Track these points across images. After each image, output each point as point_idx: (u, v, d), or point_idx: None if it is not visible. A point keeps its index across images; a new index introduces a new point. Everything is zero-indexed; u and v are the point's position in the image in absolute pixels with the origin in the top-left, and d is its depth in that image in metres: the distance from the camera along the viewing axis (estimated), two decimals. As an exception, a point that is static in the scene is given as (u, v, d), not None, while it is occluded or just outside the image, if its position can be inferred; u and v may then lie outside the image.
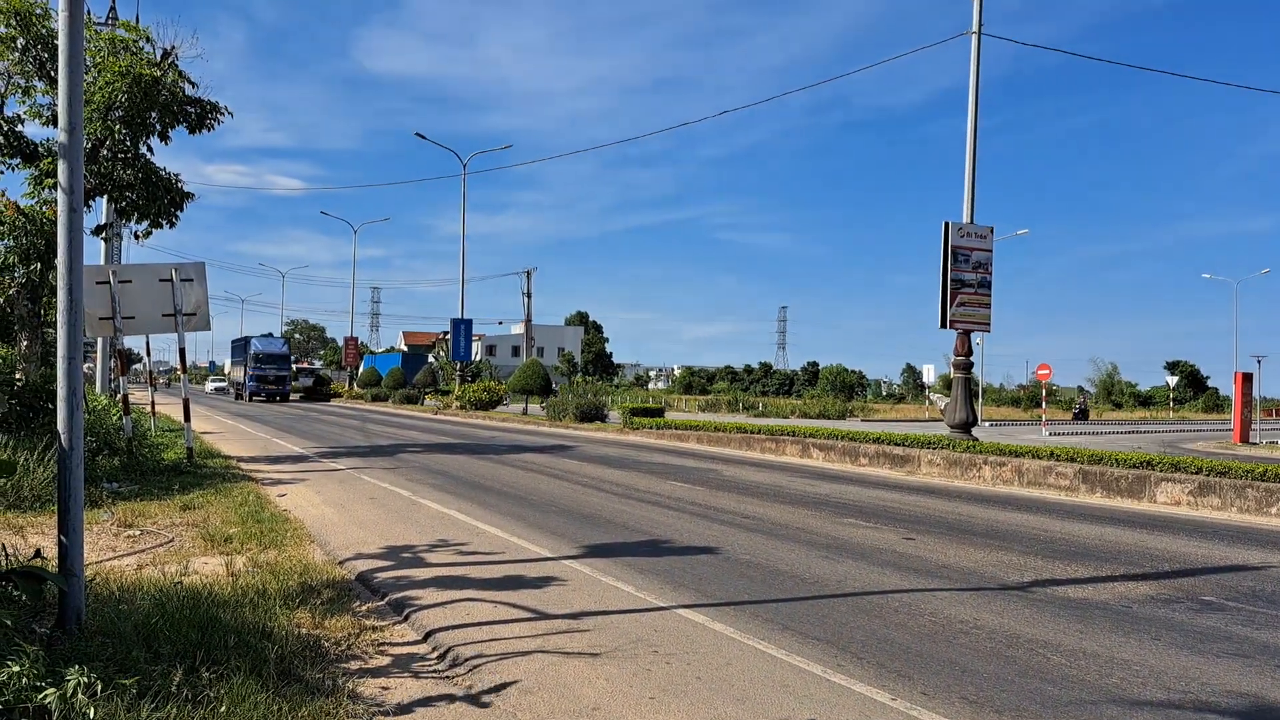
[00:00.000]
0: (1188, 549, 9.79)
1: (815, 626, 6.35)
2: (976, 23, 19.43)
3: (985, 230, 19.75)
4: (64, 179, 5.33)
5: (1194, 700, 5.02)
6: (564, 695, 4.93)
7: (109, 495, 11.42)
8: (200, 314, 14.59)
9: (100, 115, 14.56)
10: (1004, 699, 4.96)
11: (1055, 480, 15.06)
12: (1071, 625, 6.51)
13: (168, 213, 15.63)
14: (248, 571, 7.43)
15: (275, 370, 58.65)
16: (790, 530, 10.39)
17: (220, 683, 4.46)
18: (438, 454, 19.66)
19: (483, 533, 9.85)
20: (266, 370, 58.06)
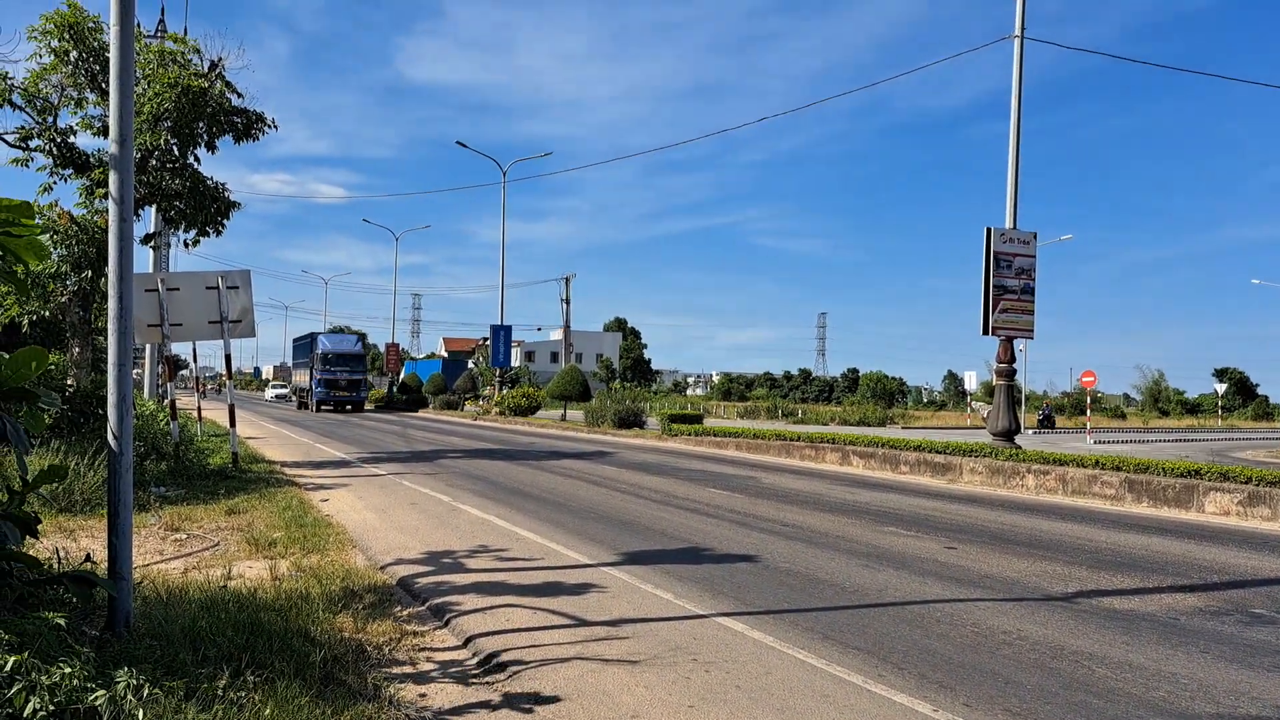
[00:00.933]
0: (1237, 560, 9.59)
1: (856, 636, 6.30)
2: (1019, 26, 19.23)
3: (1028, 236, 19.52)
4: (115, 189, 5.44)
5: (1244, 715, 4.92)
6: (603, 702, 4.94)
7: (157, 499, 11.62)
8: (245, 321, 14.82)
9: (149, 126, 14.85)
10: (1048, 711, 4.90)
11: (1100, 489, 14.82)
12: (1117, 637, 6.41)
13: (214, 221, 15.90)
14: (291, 575, 7.53)
15: (347, 373, 48.86)
16: (830, 538, 10.33)
17: (265, 685, 4.52)
18: (477, 459, 19.77)
19: (522, 538, 9.89)
20: (337, 374, 48.45)
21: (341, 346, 50.36)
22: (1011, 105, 19.41)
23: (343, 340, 52.06)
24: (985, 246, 19.02)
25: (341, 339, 52.65)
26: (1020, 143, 19.44)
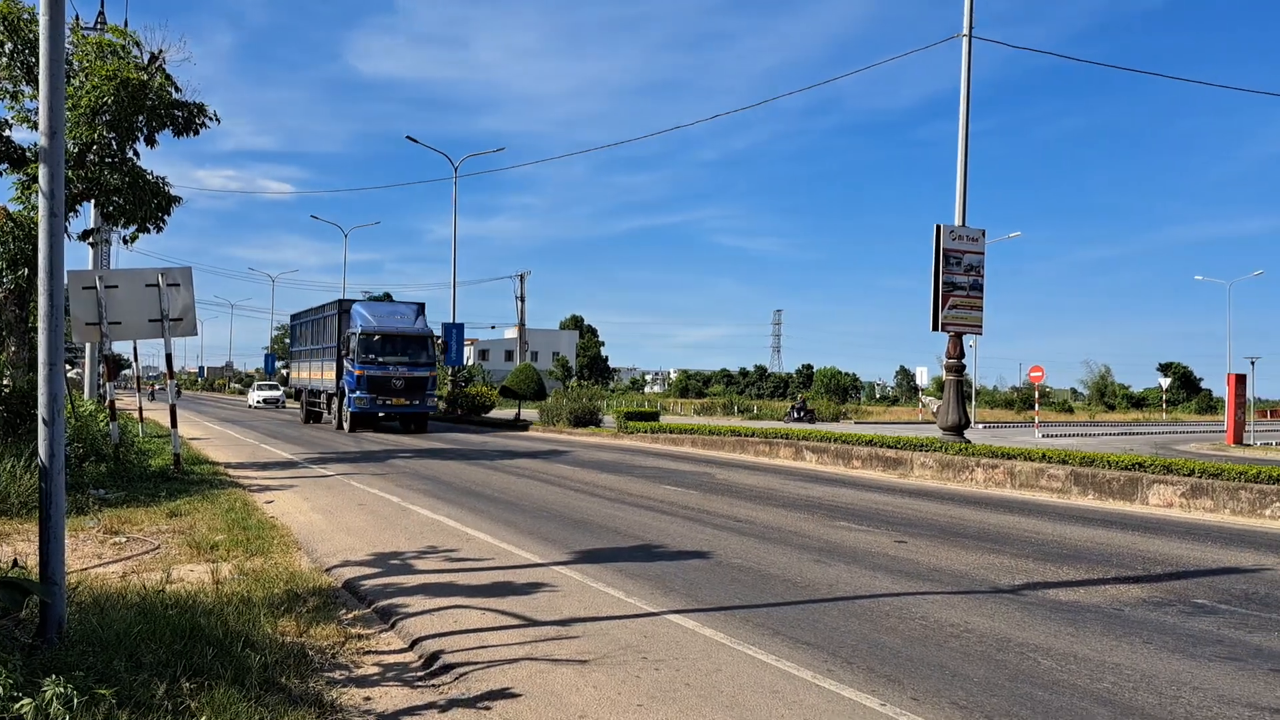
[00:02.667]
0: (1180, 551, 9.77)
1: (806, 631, 6.30)
2: (967, 25, 19.44)
3: (977, 233, 19.75)
4: (45, 184, 5.27)
5: (1185, 704, 4.98)
6: (551, 703, 4.88)
7: (95, 502, 11.33)
8: (187, 319, 14.51)
9: (87, 119, 14.48)
10: (994, 704, 4.92)
11: (1047, 482, 15.04)
12: (1063, 629, 6.48)
13: (155, 217, 15.55)
14: (233, 579, 7.36)
15: (406, 367, 28.96)
16: (783, 534, 10.35)
17: (202, 692, 4.40)
18: (428, 459, 19.58)
19: (473, 539, 9.79)
20: (390, 368, 28.60)
21: (394, 323, 29.49)
22: (960, 104, 19.63)
23: (394, 313, 30.44)
24: (935, 244, 19.21)
25: (393, 310, 30.84)
26: (969, 141, 19.67)
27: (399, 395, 28.63)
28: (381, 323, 29.21)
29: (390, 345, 28.88)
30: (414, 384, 29.02)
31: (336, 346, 30.35)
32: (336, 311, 31.19)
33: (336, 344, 30.36)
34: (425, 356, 29.63)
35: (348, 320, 29.78)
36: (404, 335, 29.31)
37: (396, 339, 29.11)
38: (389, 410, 28.92)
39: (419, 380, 29.15)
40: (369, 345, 28.44)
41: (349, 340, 28.75)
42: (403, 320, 29.89)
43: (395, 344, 28.99)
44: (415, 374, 28.99)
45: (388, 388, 28.41)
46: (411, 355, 29.18)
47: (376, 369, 28.27)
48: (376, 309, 30.64)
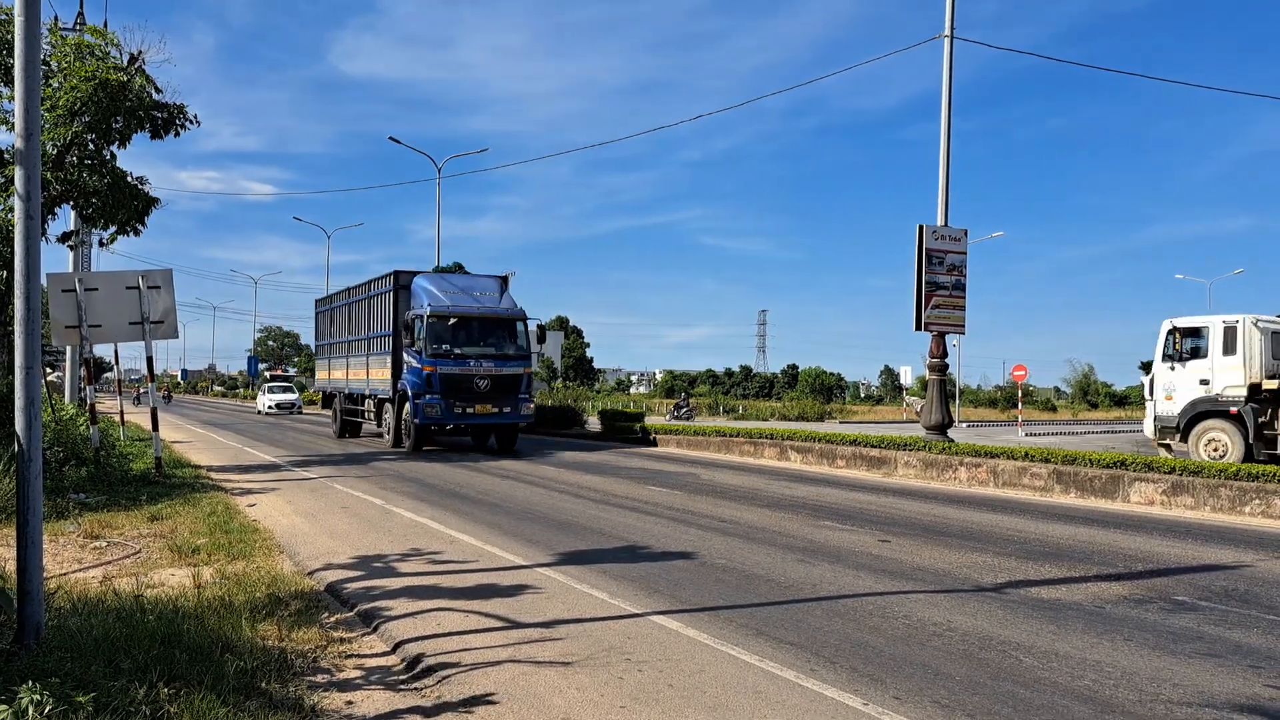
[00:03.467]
0: (1161, 549, 9.83)
1: (789, 631, 6.31)
2: (949, 26, 19.51)
3: (959, 233, 19.82)
4: (21, 186, 5.24)
5: (1165, 701, 5.01)
6: (534, 705, 4.86)
7: (76, 506, 11.24)
8: (168, 322, 14.41)
9: (66, 121, 14.37)
10: (975, 702, 4.94)
11: (1030, 481, 15.11)
12: (1044, 627, 6.51)
13: (134, 219, 15.44)
14: (214, 583, 7.31)
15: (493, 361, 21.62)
16: (767, 534, 10.36)
17: (180, 698, 4.37)
18: (412, 461, 19.50)
19: (456, 541, 9.76)
20: (473, 361, 21.34)
21: (473, 301, 22.00)
22: (942, 104, 19.70)
23: (472, 288, 22.55)
24: (918, 244, 19.27)
25: (470, 285, 22.70)
26: (951, 141, 19.74)
27: (483, 400, 21.10)
28: (456, 301, 21.36)
29: (469, 332, 21.40)
30: (503, 384, 21.31)
31: (391, 335, 22.62)
32: (391, 288, 22.96)
33: (392, 331, 22.59)
34: (516, 347, 21.78)
35: (407, 299, 22.28)
36: (488, 318, 21.65)
37: (478, 323, 21.54)
38: (470, 421, 21.38)
39: (509, 380, 21.41)
40: (440, 332, 20.81)
41: (411, 326, 21.19)
42: (485, 297, 22.06)
43: (476, 330, 21.53)
44: (505, 371, 21.33)
45: (468, 390, 20.93)
46: (498, 345, 21.60)
47: (453, 364, 20.74)
48: (447, 283, 22.32)
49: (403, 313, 22.17)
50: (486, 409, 21.33)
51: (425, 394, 20.76)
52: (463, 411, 21.02)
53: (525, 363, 21.93)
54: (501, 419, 21.70)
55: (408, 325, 21.45)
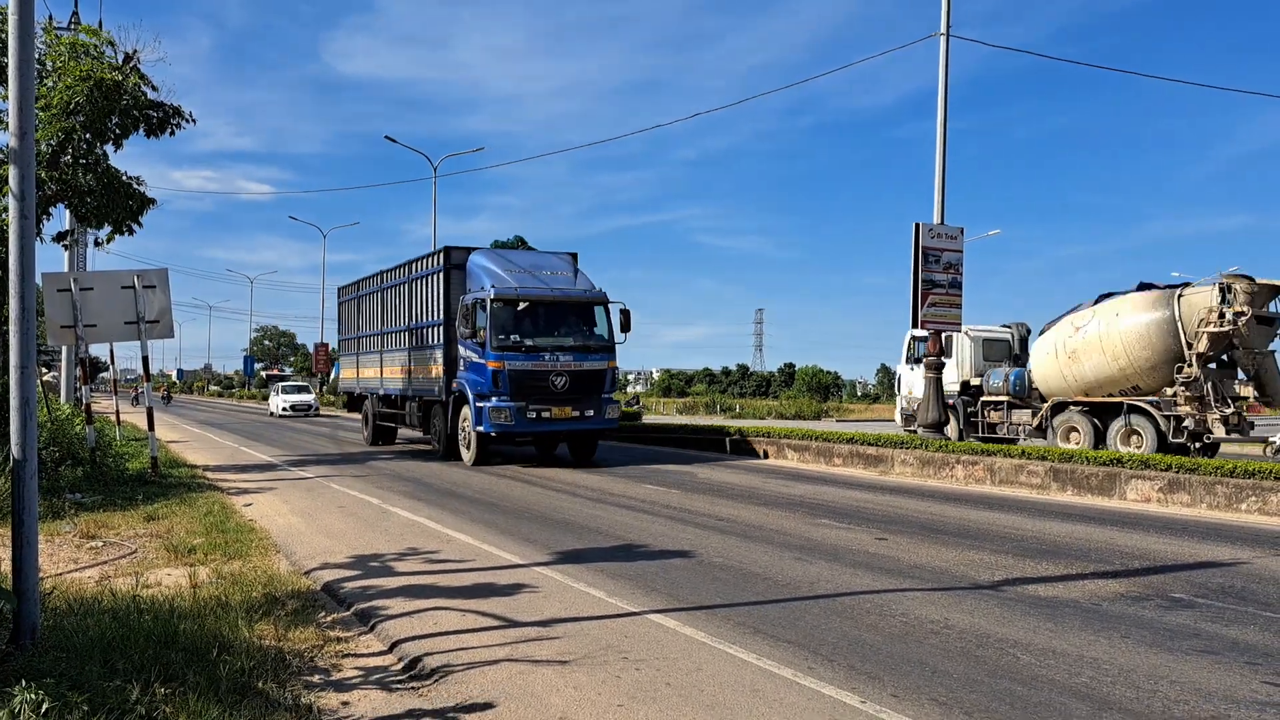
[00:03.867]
0: (1157, 546, 9.83)
1: (787, 629, 6.31)
2: (945, 24, 19.51)
3: (955, 231, 19.83)
4: (15, 185, 5.23)
5: (1163, 698, 5.01)
6: (531, 704, 4.86)
7: (72, 506, 11.22)
8: (164, 321, 14.38)
9: (61, 120, 14.33)
10: (973, 700, 4.94)
11: (1027, 479, 15.12)
12: (1041, 624, 6.51)
13: (129, 219, 15.40)
14: (211, 583, 7.30)
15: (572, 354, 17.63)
16: (764, 532, 10.36)
17: (177, 698, 4.35)
18: (409, 460, 19.49)
19: (453, 540, 9.75)
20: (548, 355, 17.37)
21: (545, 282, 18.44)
22: (938, 102, 19.70)
23: (541, 265, 19.32)
24: (914, 242, 19.26)
25: (538, 262, 19.62)
26: (947, 139, 19.73)
27: (561, 401, 17.29)
28: (524, 281, 17.76)
29: (541, 318, 17.74)
30: (584, 382, 17.54)
31: (441, 324, 18.95)
32: (440, 268, 19.25)
33: (442, 320, 18.94)
34: (596, 338, 18.07)
35: (460, 281, 18.78)
36: (564, 302, 18.08)
37: (551, 308, 17.91)
38: (547, 429, 17.60)
39: (592, 376, 17.67)
40: (508, 319, 17.22)
41: (471, 313, 17.33)
42: (556, 277, 18.51)
43: (549, 316, 17.87)
44: (586, 365, 17.59)
45: (543, 390, 17.14)
46: (576, 335, 17.91)
47: (524, 358, 17.07)
48: (511, 261, 19.02)
49: (456, 298, 18.55)
50: (565, 413, 17.35)
51: (491, 395, 17.03)
52: (537, 416, 17.08)
53: (608, 355, 18.15)
54: (584, 424, 17.78)
55: (466, 312, 17.38)
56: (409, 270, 21.37)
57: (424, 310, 20.32)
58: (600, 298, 18.33)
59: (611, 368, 18.13)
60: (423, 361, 20.24)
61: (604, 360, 17.97)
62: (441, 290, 19.13)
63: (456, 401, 18.57)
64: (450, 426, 18.81)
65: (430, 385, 19.78)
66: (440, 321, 19.10)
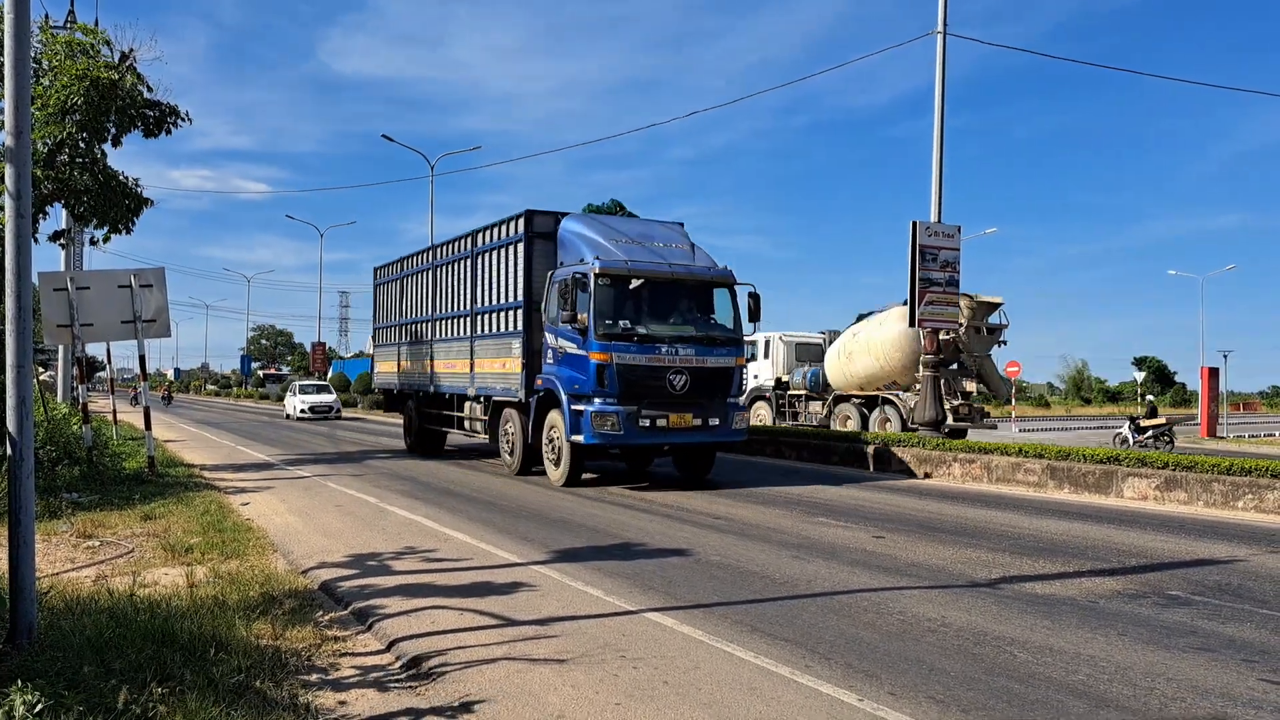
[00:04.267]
0: (1154, 544, 9.85)
1: (784, 627, 6.31)
2: (941, 23, 19.52)
3: (953, 229, 19.84)
4: (11, 184, 5.22)
5: (1159, 695, 5.02)
6: (529, 703, 4.86)
7: (69, 505, 11.21)
8: (161, 320, 14.37)
9: (57, 119, 14.31)
10: (970, 697, 4.95)
11: (1024, 476, 15.14)
12: (1038, 622, 6.52)
13: (125, 218, 15.39)
14: (208, 582, 7.30)
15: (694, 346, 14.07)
16: (762, 530, 10.36)
17: (173, 697, 4.35)
18: (406, 459, 19.49)
19: (451, 539, 9.75)
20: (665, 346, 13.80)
21: (659, 256, 14.62)
22: (935, 100, 19.71)
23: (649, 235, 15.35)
24: (911, 240, 19.27)
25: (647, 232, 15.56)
26: (944, 137, 19.75)
27: (680, 405, 13.96)
28: (636, 254, 14.38)
29: (656, 301, 14.34)
30: (708, 382, 14.15)
31: (521, 307, 15.49)
32: (520, 237, 15.69)
33: (522, 301, 15.45)
34: (721, 327, 14.73)
35: (548, 254, 15.40)
36: (685, 281, 14.56)
37: (669, 289, 14.50)
38: (662, 440, 14.07)
39: (717, 376, 14.25)
40: (616, 301, 13.92)
41: (568, 291, 13.67)
42: (672, 251, 14.93)
43: (664, 298, 14.46)
44: (711, 361, 14.14)
45: (660, 390, 13.78)
46: (697, 323, 14.53)
47: (636, 350, 13.70)
48: (616, 227, 15.51)
49: (541, 274, 15.22)
50: (685, 420, 13.92)
51: (594, 396, 13.53)
52: (651, 424, 13.64)
53: (736, 349, 14.67)
54: (707, 436, 14.25)
55: (563, 291, 13.68)
56: (472, 242, 17.65)
57: (494, 290, 16.70)
58: (728, 278, 14.84)
59: (740, 365, 14.67)
60: (492, 353, 16.66)
61: (731, 355, 14.50)
62: (521, 265, 15.54)
63: (542, 403, 14.87)
64: (531, 435, 15.15)
65: (502, 382, 16.17)
66: (519, 304, 15.51)
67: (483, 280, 17.22)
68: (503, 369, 16.18)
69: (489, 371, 16.79)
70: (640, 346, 13.75)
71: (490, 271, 16.88)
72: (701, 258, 15.04)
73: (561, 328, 14.12)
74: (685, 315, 14.61)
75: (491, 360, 16.71)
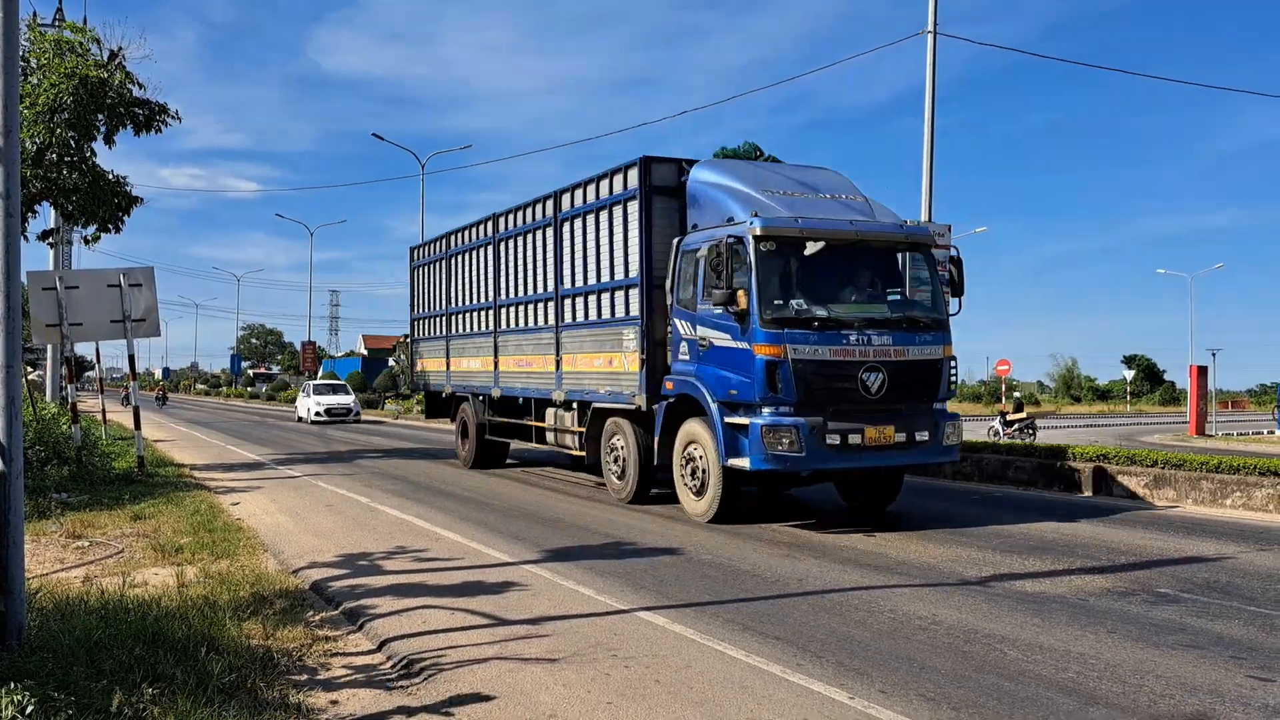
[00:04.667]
0: (1143, 542, 9.89)
1: (776, 626, 6.32)
2: (932, 22, 19.56)
3: (943, 228, 19.81)
4: (0, 183, 5.20)
5: (1149, 692, 5.05)
6: (521, 703, 4.86)
7: (58, 505, 11.17)
8: (150, 320, 14.33)
9: (45, 118, 14.26)
10: (960, 695, 4.96)
11: (1014, 475, 15.18)
12: (1028, 620, 6.54)
13: (115, 217, 15.35)
14: (198, 582, 7.28)
15: (889, 334, 10.22)
16: (753, 529, 10.37)
17: (164, 698, 4.34)
18: (398, 459, 19.46)
19: (442, 538, 9.74)
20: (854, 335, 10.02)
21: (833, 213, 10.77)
22: (925, 100, 19.75)
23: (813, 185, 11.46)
24: (902, 239, 19.28)
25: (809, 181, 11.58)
26: (935, 137, 19.80)
27: (878, 415, 10.26)
28: (803, 209, 10.80)
29: (835, 272, 10.89)
30: (910, 380, 10.49)
31: (639, 284, 11.83)
32: (636, 191, 11.86)
33: (640, 277, 11.80)
34: (917, 304, 11.23)
35: (674, 212, 11.89)
36: (871, 243, 11.02)
37: (850, 256, 10.98)
38: (856, 463, 10.45)
39: (921, 371, 10.62)
40: (787, 273, 10.50)
41: (720, 261, 10.05)
42: (848, 203, 11.45)
43: (845, 269, 10.99)
44: (911, 352, 10.49)
45: (850, 393, 10.18)
46: (890, 301, 11.23)
47: (818, 340, 10.07)
48: (767, 175, 11.70)
49: (662, 241, 11.60)
50: (886, 435, 10.15)
51: (761, 404, 9.92)
52: (843, 442, 9.95)
53: (943, 335, 10.85)
54: (914, 457, 10.59)
55: (713, 262, 10.10)
56: (556, 205, 13.81)
57: (591, 265, 12.84)
58: (928, 238, 11.41)
59: (948, 356, 10.80)
60: (591, 346, 12.96)
61: (938, 344, 10.68)
62: (636, 230, 11.72)
63: (672, 411, 11.21)
64: (660, 454, 11.43)
65: (609, 383, 12.47)
66: (633, 281, 11.78)
67: (574, 253, 13.35)
68: (608, 366, 12.43)
69: (587, 370, 13.06)
70: (823, 335, 9.96)
71: (585, 241, 13.01)
72: (882, 213, 11.37)
73: (703, 312, 10.54)
74: (870, 291, 10.95)
75: (590, 355, 12.98)
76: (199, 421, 37.72)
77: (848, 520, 11.06)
